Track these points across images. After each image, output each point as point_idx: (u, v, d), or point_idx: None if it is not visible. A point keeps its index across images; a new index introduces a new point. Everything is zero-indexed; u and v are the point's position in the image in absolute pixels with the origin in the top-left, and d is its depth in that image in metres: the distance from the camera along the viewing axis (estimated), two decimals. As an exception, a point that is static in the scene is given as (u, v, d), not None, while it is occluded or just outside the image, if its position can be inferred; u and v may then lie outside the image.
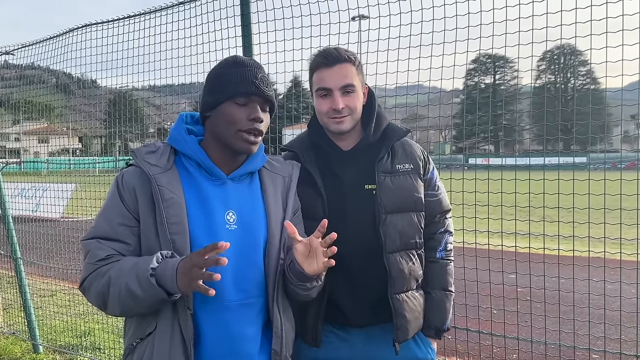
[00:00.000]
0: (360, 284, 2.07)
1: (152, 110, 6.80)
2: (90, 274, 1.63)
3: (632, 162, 5.48)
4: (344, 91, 2.01)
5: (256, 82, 1.70)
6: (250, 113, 1.70)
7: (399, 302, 2.05)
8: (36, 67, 5.52)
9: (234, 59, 1.77)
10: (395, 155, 2.12)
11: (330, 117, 2.03)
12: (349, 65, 2.03)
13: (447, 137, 6.20)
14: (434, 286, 2.20)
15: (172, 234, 1.61)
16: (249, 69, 1.72)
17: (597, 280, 2.89)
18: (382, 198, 2.03)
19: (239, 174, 1.78)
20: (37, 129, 7.06)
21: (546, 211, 2.85)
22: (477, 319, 3.16)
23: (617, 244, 2.71)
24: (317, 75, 2.05)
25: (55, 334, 5.42)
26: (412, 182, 2.11)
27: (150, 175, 1.65)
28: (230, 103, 1.70)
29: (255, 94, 1.70)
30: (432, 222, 2.21)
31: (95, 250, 1.63)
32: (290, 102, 4.32)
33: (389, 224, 2.04)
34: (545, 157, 3.10)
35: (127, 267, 1.57)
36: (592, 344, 3.10)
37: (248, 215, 1.74)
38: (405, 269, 2.07)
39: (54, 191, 5.39)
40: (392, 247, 2.04)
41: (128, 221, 1.66)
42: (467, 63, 3.06)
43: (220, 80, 1.74)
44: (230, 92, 1.70)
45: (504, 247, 3.12)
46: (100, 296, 1.62)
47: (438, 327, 2.19)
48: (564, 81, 79.54)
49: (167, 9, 3.89)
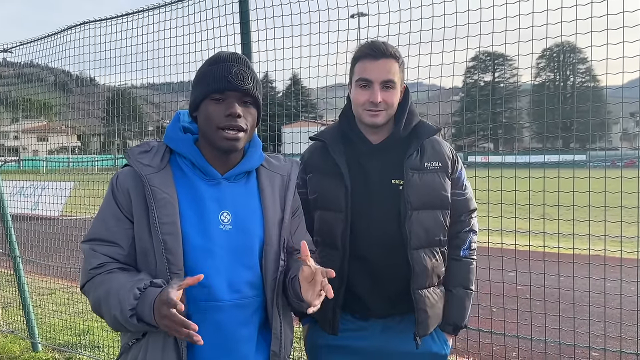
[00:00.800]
0: (382, 277, 2.09)
1: (150, 108, 6.78)
2: (87, 282, 1.66)
3: (631, 160, 5.48)
4: (384, 86, 2.03)
5: (229, 77, 1.67)
6: (226, 109, 1.68)
7: (421, 298, 2.07)
8: (35, 64, 5.51)
9: (215, 56, 1.75)
10: (424, 153, 2.12)
11: (366, 108, 2.05)
12: (394, 62, 2.04)
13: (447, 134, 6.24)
14: (455, 284, 2.22)
15: (163, 234, 1.60)
16: (223, 65, 1.70)
17: (597, 278, 2.88)
18: (409, 194, 2.05)
19: (234, 174, 1.75)
20: (35, 127, 7.05)
21: (546, 209, 2.84)
22: (476, 317, 3.15)
23: (617, 242, 2.71)
24: (361, 65, 2.06)
25: (54, 333, 5.41)
26: (440, 180, 2.12)
27: (142, 175, 1.64)
28: (208, 101, 1.69)
29: (228, 89, 1.67)
30: (458, 220, 2.22)
31: (89, 257, 1.65)
32: (289, 100, 4.30)
33: (414, 220, 2.05)
34: (545, 154, 3.09)
35: (114, 292, 1.55)
36: (592, 342, 3.10)
37: (243, 215, 1.72)
38: (429, 266, 2.08)
39: (53, 189, 5.38)
40: (417, 243, 2.06)
41: (122, 223, 1.65)
42: (467, 60, 3.05)
43: (198, 79, 1.74)
44: (206, 89, 1.69)
45: (504, 245, 3.11)
46: (96, 309, 1.65)
47: (456, 324, 2.21)
48: (564, 79, 79.55)
49: (166, 7, 3.87)
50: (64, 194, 5.39)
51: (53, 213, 5.40)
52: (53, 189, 5.39)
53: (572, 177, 2.85)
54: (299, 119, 4.55)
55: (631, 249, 2.76)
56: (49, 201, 5.42)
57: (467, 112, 5.28)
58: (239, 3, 3.27)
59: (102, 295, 1.58)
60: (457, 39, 2.85)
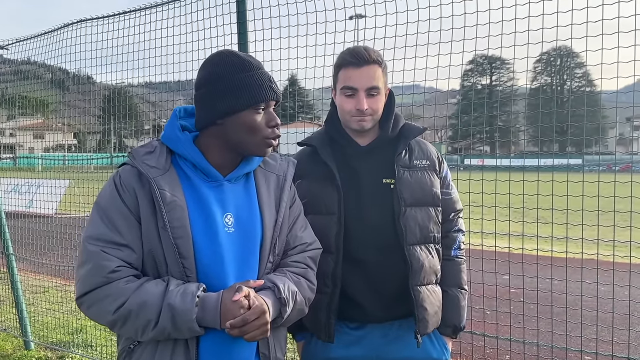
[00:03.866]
0: (379, 277, 2.08)
1: (147, 107, 6.77)
2: (96, 288, 1.55)
3: (626, 165, 5.49)
4: (369, 93, 2.04)
5: (273, 85, 1.67)
6: (269, 119, 1.68)
7: (420, 294, 2.07)
8: (32, 62, 5.49)
9: (243, 62, 1.68)
10: (412, 152, 2.15)
11: (352, 115, 2.07)
12: (377, 67, 2.05)
13: (443, 137, 6.25)
14: (450, 284, 2.22)
15: (175, 238, 1.57)
16: (260, 73, 1.67)
17: (590, 282, 2.89)
18: (402, 191, 2.06)
19: (235, 175, 1.73)
20: (32, 124, 7.02)
21: (540, 212, 2.85)
22: (470, 320, 3.16)
23: (611, 246, 2.72)
24: (344, 74, 2.07)
25: (47, 331, 5.39)
26: (430, 177, 2.15)
27: (150, 178, 1.59)
28: (251, 111, 1.65)
29: (273, 98, 1.67)
30: (447, 220, 2.23)
31: (102, 261, 1.54)
32: (287, 100, 4.30)
33: (409, 216, 2.06)
34: (540, 158, 3.10)
35: (155, 303, 1.52)
36: (585, 345, 3.11)
37: (245, 217, 1.70)
38: (426, 262, 2.09)
39: (48, 187, 5.36)
40: (412, 239, 2.06)
41: (131, 224, 1.59)
42: (464, 63, 3.06)
43: (232, 87, 1.64)
44: (251, 99, 1.64)
45: (498, 248, 3.12)
46: (112, 322, 1.56)
47: (455, 325, 2.21)
48: (560, 83, 79.76)
49: (164, 5, 3.88)
50: (59, 192, 5.37)
51: (48, 211, 5.39)
52: (48, 187, 5.37)
53: (566, 180, 2.86)
54: (296, 120, 4.55)
55: (624, 253, 2.77)
56: (44, 199, 5.40)
57: (464, 115, 5.30)
58: (236, 3, 3.27)
59: (133, 309, 1.52)
60: (453, 42, 2.86)
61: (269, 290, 1.66)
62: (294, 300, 1.70)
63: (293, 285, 1.72)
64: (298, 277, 1.77)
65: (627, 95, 2.84)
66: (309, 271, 1.82)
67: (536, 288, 2.95)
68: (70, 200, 5.29)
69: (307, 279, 1.80)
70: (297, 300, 1.72)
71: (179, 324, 1.52)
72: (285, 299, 1.65)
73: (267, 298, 1.61)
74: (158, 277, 1.61)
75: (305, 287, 1.78)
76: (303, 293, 1.76)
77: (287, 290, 1.67)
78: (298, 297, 1.72)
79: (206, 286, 1.59)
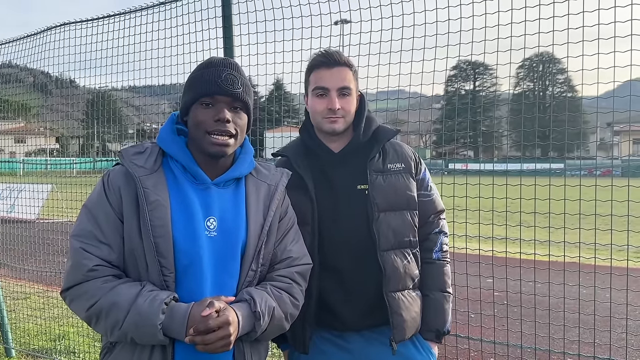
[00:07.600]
0: (355, 285, 2.07)
1: (131, 110, 6.72)
2: (76, 285, 1.60)
3: (607, 169, 5.58)
4: (341, 93, 2.06)
5: (219, 81, 1.68)
6: (215, 114, 1.68)
7: (395, 301, 2.05)
8: (13, 65, 5.42)
9: (207, 61, 1.76)
10: (386, 155, 2.15)
11: (324, 116, 2.07)
12: (348, 70, 2.08)
13: (428, 142, 6.28)
14: (431, 288, 2.19)
15: (155, 237, 1.59)
16: (214, 70, 1.70)
17: (572, 285, 2.93)
18: (375, 196, 2.05)
19: (223, 180, 1.74)
20: (13, 128, 6.93)
21: (523, 216, 2.89)
22: (454, 323, 3.18)
23: (592, 249, 2.76)
24: (316, 75, 2.09)
25: (28, 338, 5.31)
26: (404, 180, 2.13)
27: (135, 177, 1.63)
28: (197, 105, 1.70)
29: (218, 93, 1.68)
30: (427, 222, 2.22)
31: (80, 258, 1.59)
32: (272, 104, 4.30)
33: (382, 221, 2.05)
34: (523, 163, 3.14)
35: (124, 305, 1.54)
36: (567, 347, 3.15)
37: (229, 222, 1.71)
38: (400, 267, 2.07)
39: (30, 192, 5.29)
40: (386, 244, 2.05)
41: (113, 221, 1.63)
42: (448, 69, 3.09)
43: (189, 83, 1.74)
44: (196, 94, 1.69)
45: (481, 252, 3.15)
46: (87, 318, 1.61)
47: (439, 330, 2.18)
48: (542, 88, 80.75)
49: (148, 9, 3.86)
50: (42, 196, 5.31)
51: (30, 216, 5.32)
52: (30, 192, 5.30)
53: (549, 185, 2.90)
54: (282, 124, 4.55)
55: (605, 256, 2.81)
56: (25, 204, 5.33)
57: (448, 119, 5.34)
58: (222, 7, 3.27)
59: (104, 308, 1.55)
60: (437, 48, 2.89)
61: (245, 302, 1.65)
62: (271, 315, 1.68)
63: (272, 300, 1.70)
64: (280, 291, 1.75)
65: (607, 101, 2.89)
66: (294, 286, 1.80)
67: (520, 291, 2.98)
68: (52, 205, 5.23)
69: (290, 294, 1.77)
70: (275, 316, 1.70)
71: (143, 328, 1.52)
72: (260, 312, 1.64)
73: (240, 311, 1.60)
74: (138, 276, 1.63)
75: (287, 302, 1.75)
76: (283, 308, 1.73)
77: (263, 304, 1.65)
78: (276, 312, 1.70)
79: (184, 288, 1.61)
